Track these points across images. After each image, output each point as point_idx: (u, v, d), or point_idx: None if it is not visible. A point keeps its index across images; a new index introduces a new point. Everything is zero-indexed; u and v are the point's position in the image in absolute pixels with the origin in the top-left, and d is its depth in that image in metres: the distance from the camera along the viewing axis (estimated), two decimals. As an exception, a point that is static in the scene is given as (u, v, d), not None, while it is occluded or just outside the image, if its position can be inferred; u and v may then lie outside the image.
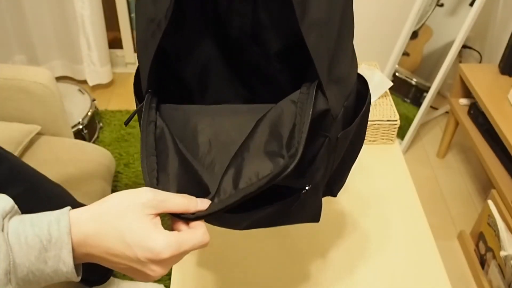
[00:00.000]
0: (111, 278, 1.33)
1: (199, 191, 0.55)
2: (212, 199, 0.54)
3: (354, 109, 0.66)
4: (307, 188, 0.61)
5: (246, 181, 0.53)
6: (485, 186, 1.94)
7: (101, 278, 1.27)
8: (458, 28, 1.81)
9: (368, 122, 1.19)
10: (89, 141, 1.93)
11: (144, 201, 0.47)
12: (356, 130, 0.67)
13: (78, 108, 1.95)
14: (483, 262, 1.54)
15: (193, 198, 0.52)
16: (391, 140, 1.23)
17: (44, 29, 2.20)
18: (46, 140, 1.44)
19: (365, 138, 1.22)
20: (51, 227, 0.43)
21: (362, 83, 0.70)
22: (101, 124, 2.08)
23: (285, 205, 0.62)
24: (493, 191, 1.50)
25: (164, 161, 0.56)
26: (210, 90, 0.77)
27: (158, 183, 0.53)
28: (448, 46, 1.87)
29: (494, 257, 1.45)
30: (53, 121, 1.45)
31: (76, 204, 1.07)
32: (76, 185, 1.30)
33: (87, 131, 1.90)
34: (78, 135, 1.85)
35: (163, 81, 0.65)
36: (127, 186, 1.75)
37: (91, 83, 2.30)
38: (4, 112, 1.41)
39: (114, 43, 2.43)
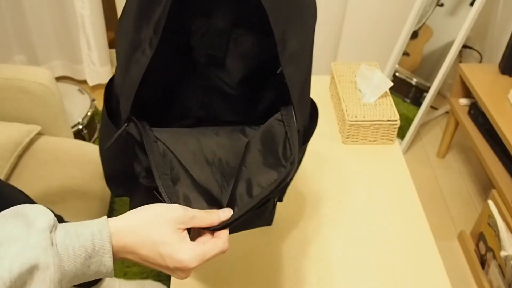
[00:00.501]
0: (114, 278, 1.33)
1: (213, 204, 0.63)
2: (232, 208, 0.61)
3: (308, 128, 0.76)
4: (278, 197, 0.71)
5: (258, 189, 0.61)
6: (485, 186, 1.94)
7: (88, 284, 1.27)
8: (458, 28, 1.81)
9: (368, 122, 1.19)
10: (89, 141, 1.92)
11: (176, 217, 0.55)
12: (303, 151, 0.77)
13: (78, 108, 1.95)
14: (483, 262, 1.54)
15: (215, 211, 0.60)
16: (391, 140, 1.23)
17: (44, 29, 2.20)
18: (46, 140, 1.44)
19: (366, 138, 1.23)
20: (95, 237, 0.50)
21: (313, 108, 0.79)
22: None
23: (261, 211, 0.70)
24: (493, 191, 1.50)
25: (175, 178, 0.63)
26: (172, 110, 0.83)
27: (178, 200, 0.60)
28: (448, 46, 1.87)
29: (494, 257, 1.45)
30: (53, 121, 1.45)
31: (26, 201, 1.03)
32: (76, 185, 1.30)
33: (87, 131, 1.90)
34: (78, 135, 1.85)
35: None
36: (127, 186, 1.74)
37: (91, 83, 2.30)
38: (4, 112, 1.41)
39: (114, 43, 2.42)
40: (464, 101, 1.89)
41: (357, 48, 2.26)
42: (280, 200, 0.82)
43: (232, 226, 0.60)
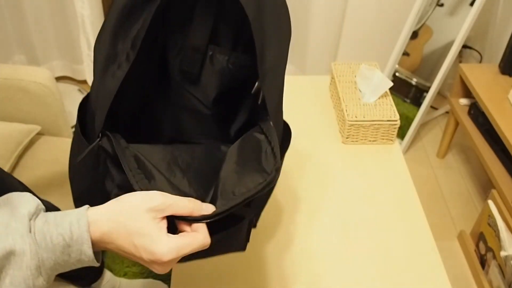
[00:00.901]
0: (113, 276, 1.33)
1: None
2: (214, 204, 0.59)
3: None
4: (252, 216, 0.70)
5: (242, 190, 0.60)
6: (485, 186, 1.94)
7: (92, 278, 1.27)
8: (458, 28, 1.81)
9: (368, 122, 1.19)
10: (89, 141, 1.92)
11: (154, 206, 0.53)
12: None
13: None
14: (483, 262, 1.54)
15: (198, 201, 0.57)
16: (391, 140, 1.23)
17: (44, 29, 2.20)
18: (46, 140, 1.44)
19: (366, 138, 1.23)
20: (72, 227, 0.50)
21: (285, 127, 0.79)
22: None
23: (231, 232, 0.68)
24: (493, 191, 1.50)
25: (150, 176, 0.61)
26: (145, 129, 0.83)
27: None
28: (448, 46, 1.87)
29: (494, 257, 1.45)
30: (53, 121, 1.45)
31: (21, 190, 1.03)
32: (76, 185, 1.30)
33: (87, 131, 1.90)
34: (78, 135, 1.85)
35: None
36: (127, 186, 1.74)
37: (91, 83, 2.30)
38: (4, 112, 1.41)
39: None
40: (464, 101, 1.89)
41: (357, 48, 2.26)
42: (254, 226, 0.80)
43: (205, 249, 0.59)
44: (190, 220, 0.56)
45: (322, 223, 1.03)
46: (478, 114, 1.76)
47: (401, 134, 2.05)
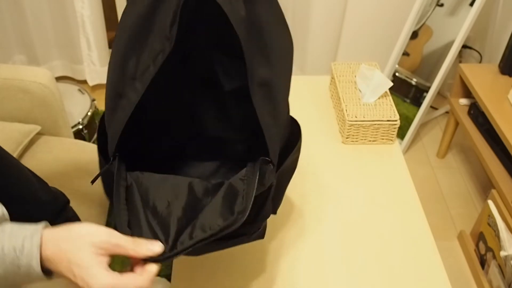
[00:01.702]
0: None
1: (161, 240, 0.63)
2: (172, 246, 0.62)
3: (287, 142, 0.79)
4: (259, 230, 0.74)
5: (199, 232, 0.63)
6: (485, 186, 1.94)
7: None
8: (458, 28, 1.81)
9: (368, 122, 1.19)
10: (89, 141, 1.92)
11: (99, 241, 0.55)
12: (291, 162, 0.79)
13: (78, 108, 1.95)
14: (483, 262, 1.54)
15: (144, 243, 0.59)
16: (391, 140, 1.23)
17: (44, 29, 2.20)
18: (46, 140, 1.44)
19: (365, 138, 1.23)
20: (25, 241, 0.51)
21: (294, 123, 0.84)
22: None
23: (242, 241, 0.73)
24: (493, 191, 1.50)
25: (134, 214, 0.65)
26: (170, 132, 0.88)
27: (131, 231, 0.62)
28: (448, 46, 1.87)
29: (494, 257, 1.45)
30: (53, 121, 1.45)
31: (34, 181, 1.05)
32: (76, 185, 1.30)
33: (87, 131, 1.90)
34: (78, 135, 1.85)
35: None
36: (127, 186, 1.74)
37: (91, 83, 2.30)
38: (4, 112, 1.41)
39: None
40: (464, 101, 1.89)
41: (357, 48, 2.26)
42: (274, 212, 0.84)
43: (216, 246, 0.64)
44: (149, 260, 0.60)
45: (322, 223, 1.03)
46: (478, 114, 1.76)
47: (401, 134, 2.05)
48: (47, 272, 0.55)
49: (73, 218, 1.17)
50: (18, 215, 1.00)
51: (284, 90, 0.74)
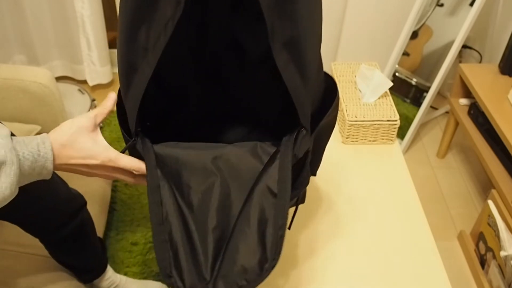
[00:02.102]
0: (114, 273, 1.34)
1: (197, 275, 0.64)
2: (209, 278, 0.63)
3: (322, 101, 0.74)
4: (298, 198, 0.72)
5: (235, 276, 0.63)
6: (485, 186, 1.94)
7: (96, 273, 1.28)
8: (458, 28, 1.81)
9: (368, 122, 1.19)
10: (89, 141, 1.92)
11: (84, 124, 0.68)
12: (328, 121, 0.75)
13: (78, 108, 1.95)
14: (483, 262, 1.54)
15: (106, 102, 0.71)
16: (391, 140, 1.23)
17: (44, 29, 2.20)
18: (46, 140, 1.44)
19: (365, 138, 1.23)
20: (39, 146, 0.62)
21: (329, 80, 0.78)
22: (101, 124, 2.07)
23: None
24: (493, 191, 1.50)
25: (170, 233, 0.65)
26: (190, 107, 0.86)
27: (171, 275, 0.63)
28: (448, 46, 1.87)
29: (494, 257, 1.45)
30: (53, 121, 1.45)
31: None
32: (76, 185, 1.30)
33: (87, 131, 1.90)
34: (78, 135, 1.85)
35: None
36: (127, 186, 1.75)
37: (91, 83, 2.30)
38: (4, 112, 1.41)
39: (114, 43, 2.43)
40: (464, 101, 1.89)
41: (357, 48, 2.26)
42: (302, 201, 0.83)
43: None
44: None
45: (322, 223, 1.03)
46: (478, 114, 1.76)
47: (401, 134, 2.05)
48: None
49: (88, 220, 1.18)
50: (35, 210, 1.01)
51: (313, 47, 0.67)
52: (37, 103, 1.41)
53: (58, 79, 2.33)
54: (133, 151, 0.70)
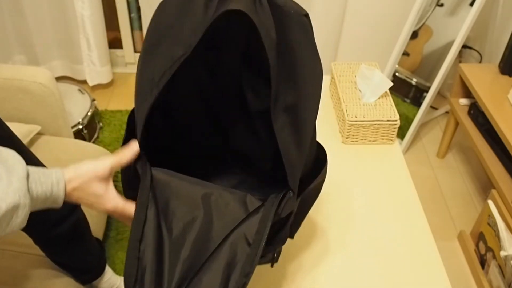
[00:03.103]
0: (114, 275, 1.34)
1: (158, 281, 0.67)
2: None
3: (312, 166, 0.79)
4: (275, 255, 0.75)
5: None
6: (485, 186, 1.94)
7: (95, 274, 1.28)
8: (458, 28, 1.81)
9: (368, 122, 1.19)
10: (89, 141, 1.92)
11: (101, 172, 0.70)
12: (314, 188, 0.78)
13: (78, 108, 1.95)
14: (483, 262, 1.54)
15: (126, 152, 0.70)
16: (391, 140, 1.23)
17: (44, 29, 2.20)
18: (46, 140, 1.44)
19: (365, 138, 1.23)
20: (53, 187, 0.66)
21: (320, 149, 0.83)
22: (101, 124, 2.08)
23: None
24: (493, 191, 1.50)
25: (143, 252, 0.68)
26: (191, 143, 0.89)
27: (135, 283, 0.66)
28: (448, 46, 1.87)
29: (494, 257, 1.45)
30: (53, 121, 1.45)
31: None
32: (76, 185, 1.31)
33: (87, 131, 1.90)
34: (78, 135, 1.85)
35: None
36: (127, 186, 1.75)
37: (91, 83, 2.30)
38: (4, 112, 1.41)
39: (114, 43, 2.43)
40: (464, 101, 1.89)
41: (357, 48, 2.26)
42: (291, 236, 0.85)
43: None
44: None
45: (321, 223, 1.03)
46: (478, 114, 1.76)
47: (401, 134, 2.05)
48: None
49: (83, 220, 1.18)
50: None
51: (310, 115, 0.72)
52: (37, 103, 1.41)
53: (58, 79, 2.33)
54: (132, 169, 0.73)
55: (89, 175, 0.69)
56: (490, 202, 1.48)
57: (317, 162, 0.81)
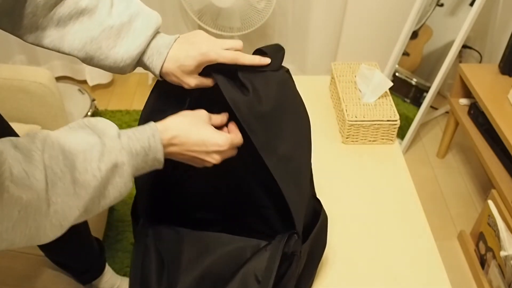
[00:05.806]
0: (114, 275, 1.34)
1: None
2: None
3: (311, 219, 0.83)
4: None
5: None
6: (485, 186, 1.94)
7: (94, 274, 1.28)
8: (458, 28, 1.81)
9: (368, 122, 1.19)
10: (89, 141, 1.92)
11: (204, 117, 0.72)
12: (315, 238, 0.81)
13: (78, 108, 1.95)
14: (483, 262, 1.54)
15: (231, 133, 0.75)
16: (391, 140, 1.23)
17: (44, 29, 2.19)
18: (46, 140, 1.43)
19: (365, 138, 1.23)
20: (150, 140, 0.65)
21: (315, 199, 0.87)
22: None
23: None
24: (493, 191, 1.50)
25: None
26: (198, 215, 0.90)
27: None
28: (448, 46, 1.87)
29: (494, 257, 1.45)
30: (53, 121, 1.45)
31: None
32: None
33: (87, 131, 1.90)
34: (78, 135, 1.85)
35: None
36: (127, 186, 1.75)
37: (91, 83, 2.30)
38: (4, 112, 1.41)
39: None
40: (464, 101, 1.89)
41: (357, 48, 2.26)
42: None
43: None
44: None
45: (322, 223, 1.03)
46: (478, 114, 1.76)
47: (401, 134, 2.05)
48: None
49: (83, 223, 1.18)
50: None
51: (305, 167, 0.78)
52: (37, 103, 1.41)
53: (58, 79, 2.33)
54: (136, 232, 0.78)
55: (184, 122, 0.70)
56: (490, 202, 1.48)
57: (316, 214, 0.85)
